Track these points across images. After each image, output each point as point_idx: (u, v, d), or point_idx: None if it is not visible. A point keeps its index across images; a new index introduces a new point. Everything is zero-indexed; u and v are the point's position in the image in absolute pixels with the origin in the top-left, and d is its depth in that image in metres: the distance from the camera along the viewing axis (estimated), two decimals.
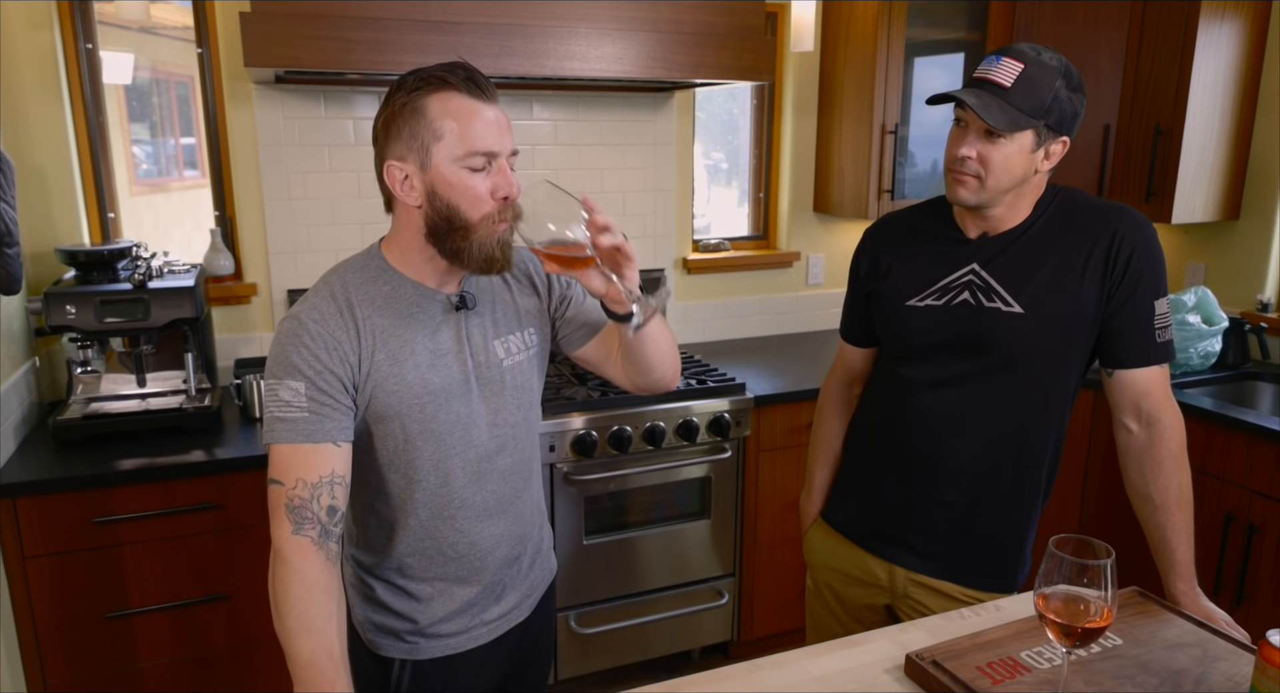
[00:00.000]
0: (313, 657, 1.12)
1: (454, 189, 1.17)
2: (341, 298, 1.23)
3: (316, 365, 1.18)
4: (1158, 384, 1.44)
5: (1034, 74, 1.34)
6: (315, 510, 1.15)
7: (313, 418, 1.17)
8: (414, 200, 1.20)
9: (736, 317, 3.20)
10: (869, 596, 1.64)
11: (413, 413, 1.24)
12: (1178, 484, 1.44)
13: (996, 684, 1.16)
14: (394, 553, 1.32)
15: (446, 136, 1.16)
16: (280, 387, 1.18)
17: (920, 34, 2.85)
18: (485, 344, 1.31)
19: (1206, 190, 2.85)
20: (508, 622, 1.41)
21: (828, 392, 1.76)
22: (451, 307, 1.28)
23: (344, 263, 1.30)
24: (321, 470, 1.17)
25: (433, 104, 1.16)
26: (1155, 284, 1.42)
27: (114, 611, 1.97)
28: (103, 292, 2.04)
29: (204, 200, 2.57)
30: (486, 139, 1.17)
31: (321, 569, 1.15)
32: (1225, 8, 2.69)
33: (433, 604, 1.33)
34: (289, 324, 1.21)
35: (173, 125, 2.60)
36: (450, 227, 1.19)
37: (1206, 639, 1.28)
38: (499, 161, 1.19)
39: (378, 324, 1.22)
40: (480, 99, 1.18)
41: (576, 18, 2.15)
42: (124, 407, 2.16)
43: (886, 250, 1.58)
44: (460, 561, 1.33)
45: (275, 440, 1.17)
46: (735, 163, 3.28)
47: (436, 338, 1.26)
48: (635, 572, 2.52)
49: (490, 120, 1.17)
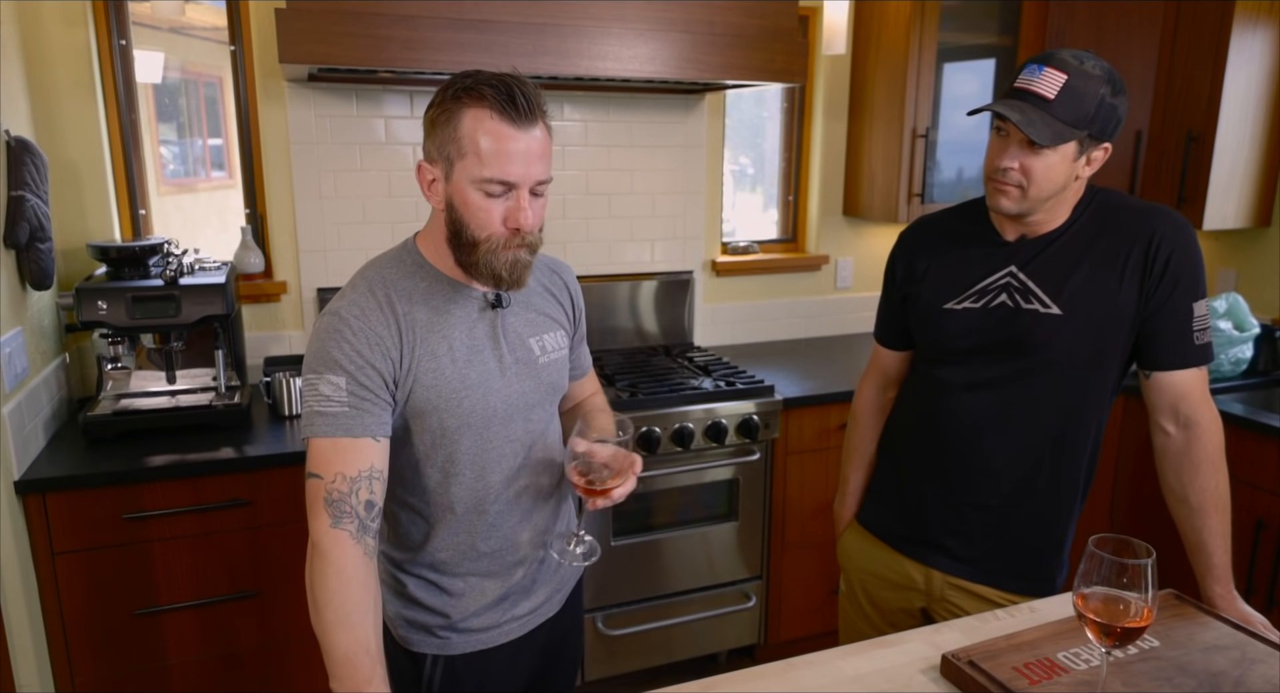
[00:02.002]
0: (349, 652, 1.12)
1: (466, 208, 1.19)
2: (381, 293, 1.23)
3: (359, 360, 1.18)
4: (1196, 386, 1.43)
5: (1077, 85, 1.33)
6: (354, 505, 1.15)
7: (353, 412, 1.17)
8: (437, 204, 1.23)
9: (765, 320, 3.20)
10: (905, 599, 1.63)
11: (450, 407, 1.24)
12: (1215, 487, 1.42)
13: (1034, 685, 1.15)
14: (428, 548, 1.32)
15: (469, 156, 1.16)
16: (320, 381, 1.18)
17: (951, 39, 2.84)
18: (521, 341, 1.33)
19: (1238, 197, 2.82)
20: (538, 617, 1.42)
21: (862, 395, 1.76)
22: (487, 304, 1.30)
23: (380, 258, 1.30)
24: (361, 465, 1.17)
25: (466, 118, 1.16)
26: (1194, 286, 1.40)
27: (143, 608, 1.98)
28: (134, 288, 2.06)
29: (231, 201, 2.59)
30: (507, 169, 1.16)
31: (359, 564, 1.15)
32: (1259, 14, 2.66)
33: (465, 599, 1.34)
34: (329, 320, 1.21)
35: (200, 126, 2.62)
36: (459, 240, 1.21)
37: (1244, 642, 1.27)
38: (519, 191, 1.18)
39: (417, 319, 1.23)
40: (514, 124, 1.15)
41: (610, 17, 2.15)
42: (154, 403, 2.18)
43: (923, 254, 1.57)
44: (494, 555, 1.34)
45: (315, 434, 1.17)
46: (761, 168, 3.28)
47: (473, 333, 1.27)
48: (662, 574, 2.51)
49: (517, 150, 1.16)
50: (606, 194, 2.85)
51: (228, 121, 2.55)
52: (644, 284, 2.93)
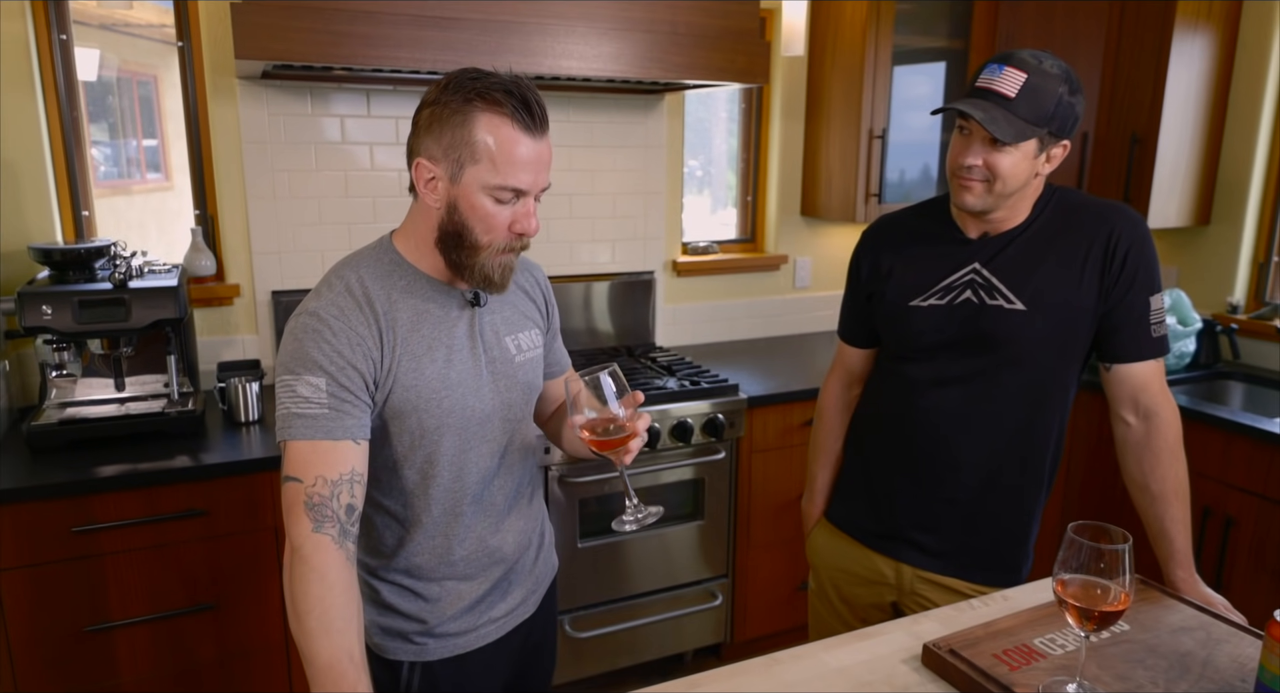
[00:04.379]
0: (332, 659, 1.09)
1: (474, 213, 1.18)
2: (359, 292, 1.21)
3: (339, 361, 1.16)
4: (1155, 378, 1.47)
5: (1037, 83, 1.35)
6: (335, 509, 1.13)
7: (333, 414, 1.15)
8: (434, 203, 1.20)
9: (725, 319, 3.21)
10: (875, 594, 1.64)
11: (431, 407, 1.23)
12: (1175, 475, 1.47)
13: (1014, 671, 1.17)
14: (403, 553, 1.30)
15: (483, 162, 1.15)
16: (298, 382, 1.15)
17: (904, 42, 2.89)
18: (498, 340, 1.32)
19: (1179, 197, 2.92)
20: (514, 619, 1.41)
21: (827, 393, 1.77)
22: (466, 302, 1.29)
23: (355, 256, 1.28)
24: (341, 468, 1.15)
25: (481, 123, 1.14)
26: (1150, 281, 1.44)
27: (94, 624, 1.91)
28: (81, 291, 1.99)
29: (168, 204, 2.51)
30: (521, 177, 1.16)
31: (342, 568, 1.13)
32: (1198, 20, 2.76)
33: (442, 604, 1.32)
34: (307, 320, 1.19)
35: (134, 126, 2.53)
36: (459, 243, 1.20)
37: (1209, 623, 1.31)
38: (527, 198, 1.19)
39: (398, 318, 1.22)
40: (529, 133, 1.16)
41: (574, 16, 2.14)
42: (102, 411, 2.10)
43: (887, 252, 1.59)
44: (470, 558, 1.32)
45: (294, 437, 1.15)
46: (709, 171, 3.29)
47: (453, 332, 1.26)
48: (629, 575, 2.50)
49: (531, 158, 1.16)
50: (567, 195, 2.84)
51: (163, 121, 2.47)
52: (606, 285, 2.92)
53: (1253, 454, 2.33)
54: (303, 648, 1.10)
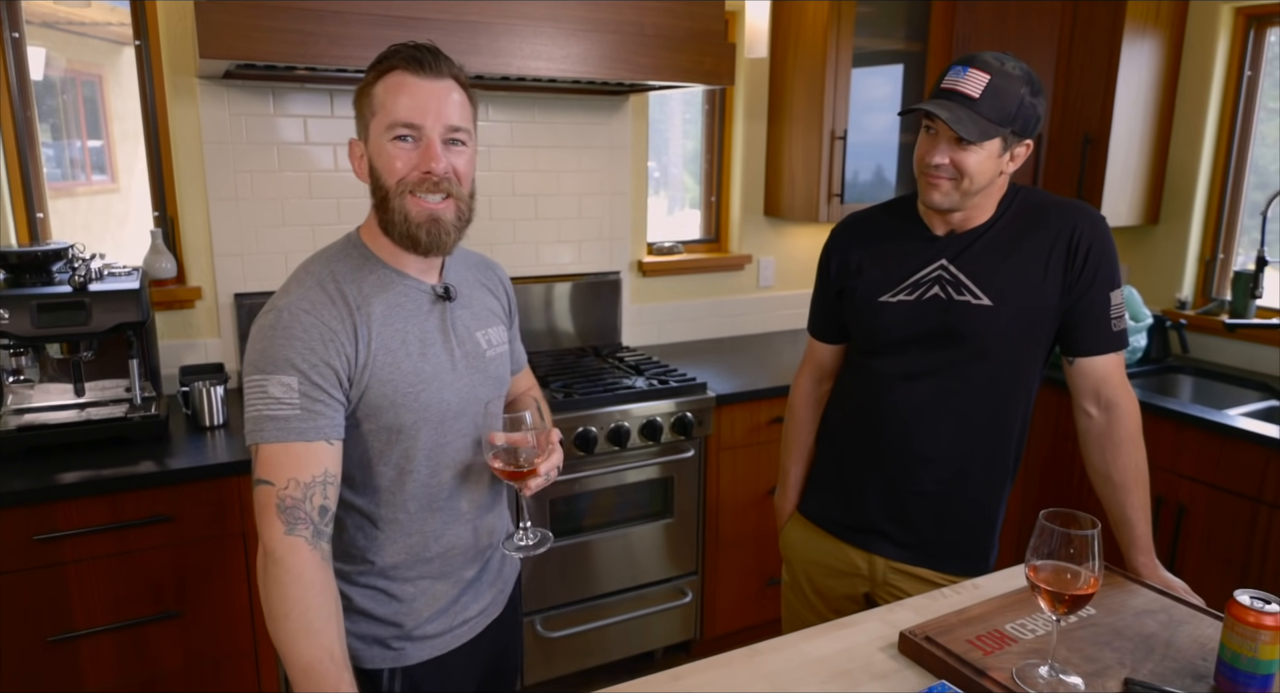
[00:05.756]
0: (313, 659, 1.08)
1: (380, 159, 1.19)
2: (332, 286, 1.20)
3: (312, 359, 1.15)
4: (1115, 371, 1.52)
5: (1000, 84, 1.39)
6: (308, 510, 1.12)
7: (306, 415, 1.14)
8: (364, 176, 1.23)
9: (690, 319, 3.23)
10: (849, 585, 1.67)
11: (408, 401, 1.22)
12: (1135, 464, 1.51)
13: (988, 656, 1.20)
14: (379, 554, 1.28)
15: (379, 112, 1.18)
16: (269, 382, 1.14)
17: (863, 44, 2.94)
18: (469, 334, 1.32)
19: (1130, 196, 3.00)
20: (485, 619, 1.41)
21: (798, 389, 1.79)
22: (437, 297, 1.29)
23: (323, 253, 1.27)
24: (314, 470, 1.14)
25: (379, 84, 1.19)
26: (1111, 276, 1.49)
27: (57, 634, 1.86)
28: (40, 295, 1.94)
29: (114, 206, 2.45)
30: (411, 111, 1.16)
31: (318, 569, 1.12)
32: (1147, 23, 2.85)
33: (418, 604, 1.31)
34: (276, 317, 1.17)
35: (78, 127, 2.46)
36: (378, 199, 1.21)
37: (1170, 606, 1.36)
38: (428, 136, 1.18)
39: (371, 313, 1.21)
40: (420, 74, 1.18)
41: (542, 17, 2.15)
42: (62, 417, 2.06)
43: (856, 249, 1.61)
44: (445, 555, 1.32)
45: (265, 439, 1.13)
46: (666, 172, 3.31)
47: (425, 326, 1.26)
48: (599, 574, 2.51)
49: (420, 93, 1.17)
50: (533, 195, 2.84)
51: (109, 122, 2.41)
52: (572, 285, 2.93)
53: (1203, 445, 2.41)
54: (283, 651, 1.10)
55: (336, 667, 1.10)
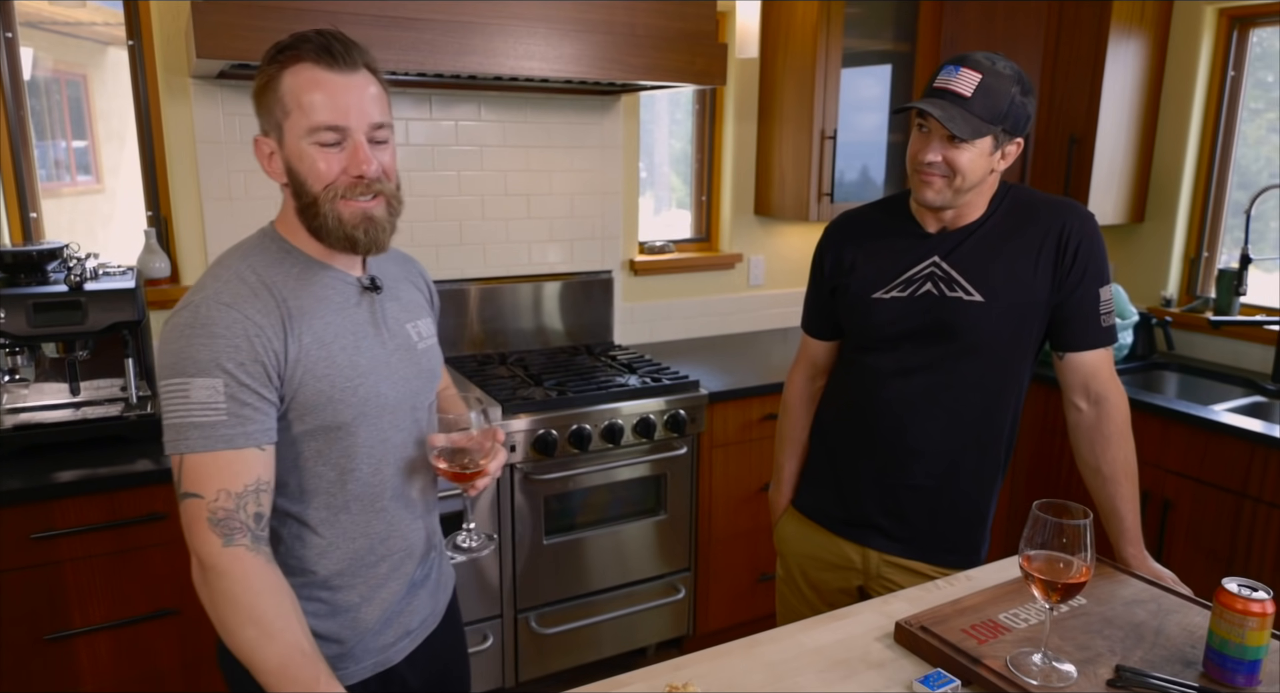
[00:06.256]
0: (283, 659, 1.05)
1: (303, 164, 1.12)
2: (253, 279, 1.12)
3: (238, 357, 1.07)
4: (1104, 365, 1.55)
5: (991, 83, 1.42)
6: (243, 519, 1.06)
7: (233, 420, 1.06)
8: (279, 177, 1.16)
9: (681, 317, 3.25)
10: (843, 579, 1.69)
11: (345, 396, 1.16)
12: (1124, 457, 1.54)
13: (982, 644, 1.22)
14: (320, 562, 1.21)
15: (294, 111, 1.10)
16: (191, 386, 1.05)
17: (852, 45, 2.97)
18: (400, 326, 1.27)
19: (1115, 195, 3.04)
20: (424, 630, 1.35)
21: (792, 385, 1.81)
22: (363, 288, 1.24)
23: (238, 248, 1.19)
24: (246, 479, 1.07)
25: (286, 78, 1.11)
26: (1100, 273, 1.52)
27: (54, 632, 1.86)
28: (36, 294, 1.94)
29: (100, 207, 2.44)
30: (333, 113, 1.10)
31: (265, 571, 1.07)
32: (1131, 24, 2.89)
33: (362, 612, 1.25)
34: (192, 313, 1.08)
35: (63, 127, 2.45)
36: (302, 203, 1.14)
37: (1159, 596, 1.39)
38: (354, 137, 1.12)
39: (299, 306, 1.14)
40: (333, 68, 1.11)
41: (535, 18, 2.16)
42: (58, 416, 2.06)
43: (849, 247, 1.64)
44: (390, 558, 1.27)
45: (190, 449, 1.05)
46: (652, 173, 3.33)
47: (355, 318, 1.21)
48: (594, 570, 2.53)
49: (340, 92, 1.10)
50: (525, 195, 2.85)
51: (94, 122, 2.40)
52: (564, 284, 2.94)
53: (1189, 440, 2.45)
54: (248, 659, 1.05)
55: (310, 661, 1.07)
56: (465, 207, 2.77)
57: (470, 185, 2.76)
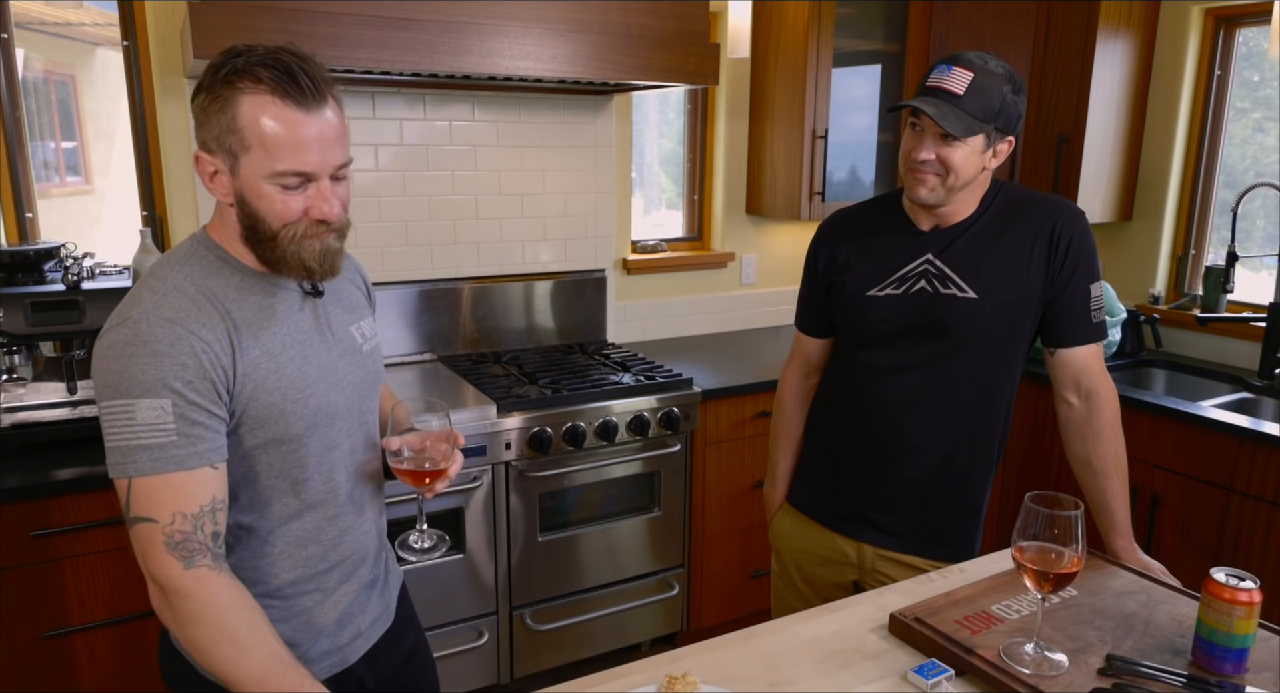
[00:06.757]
0: (264, 671, 1.05)
1: (261, 203, 1.07)
2: (193, 291, 1.08)
3: (185, 375, 1.02)
4: (1094, 361, 1.57)
5: (983, 82, 1.44)
6: (201, 540, 1.04)
7: (184, 440, 1.02)
8: (224, 197, 1.10)
9: (674, 316, 3.27)
10: (838, 573, 1.71)
11: (296, 408, 1.14)
12: (1114, 452, 1.57)
13: (975, 635, 1.25)
14: (274, 571, 1.19)
15: (254, 149, 1.04)
16: (136, 407, 1.01)
17: (842, 45, 2.99)
18: (344, 330, 1.25)
19: (1104, 194, 3.08)
20: (378, 629, 1.34)
21: (786, 382, 1.83)
22: (305, 294, 1.20)
23: (171, 257, 1.13)
24: (201, 499, 1.04)
25: (245, 106, 1.03)
26: (1090, 270, 1.54)
27: (53, 629, 1.87)
28: (34, 293, 1.95)
29: (89, 208, 2.44)
30: (301, 159, 1.05)
31: (231, 589, 1.06)
32: (1119, 24, 2.92)
33: (313, 616, 1.23)
34: (132, 331, 1.03)
35: (52, 128, 2.45)
36: (257, 236, 1.10)
37: (1148, 587, 1.41)
38: (319, 181, 1.08)
39: (244, 318, 1.10)
40: (299, 107, 1.04)
41: (530, 18, 2.18)
42: (55, 415, 2.06)
43: (843, 245, 1.65)
44: (344, 563, 1.25)
45: (139, 472, 1.02)
46: (642, 173, 3.34)
47: (300, 326, 1.18)
48: (588, 567, 2.54)
49: (308, 136, 1.05)
50: (519, 194, 2.87)
51: (82, 123, 2.40)
52: (558, 283, 2.96)
53: (1177, 436, 2.48)
54: (226, 677, 1.04)
55: (290, 668, 1.07)
56: (459, 206, 2.78)
57: (464, 185, 2.77)
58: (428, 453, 1.24)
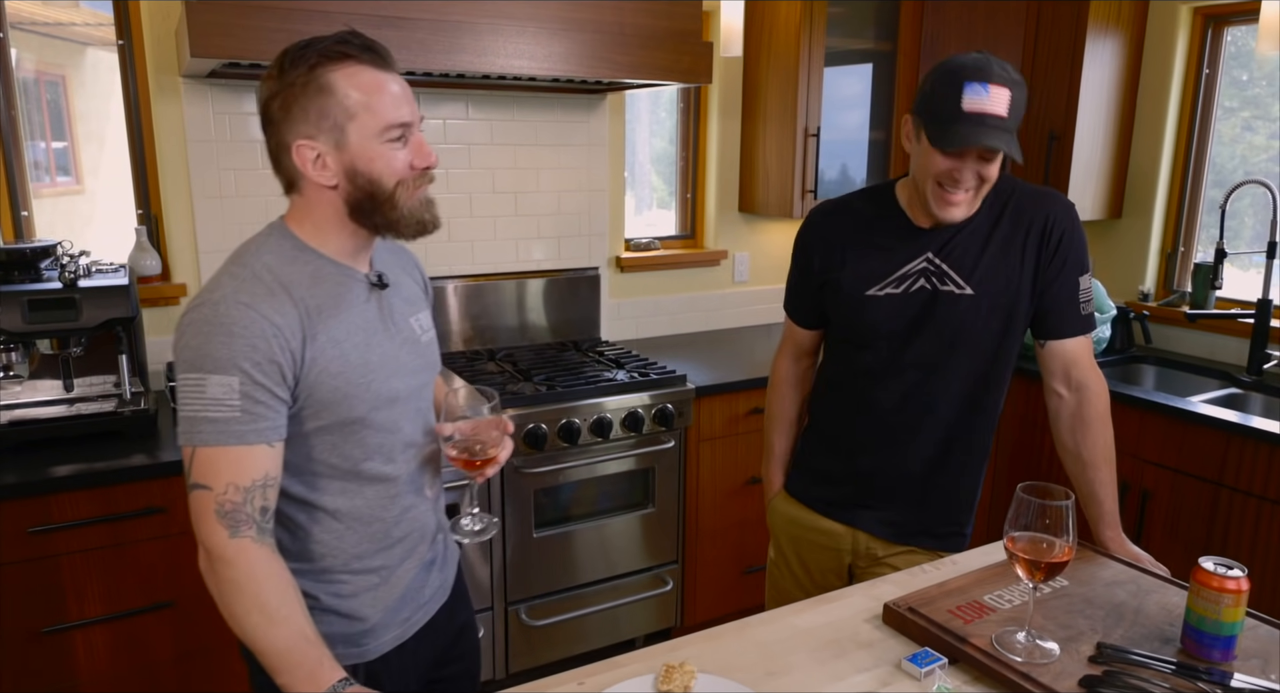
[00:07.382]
0: (288, 644, 1.09)
1: (376, 164, 1.15)
2: (269, 278, 1.14)
3: (255, 356, 1.09)
4: (1084, 353, 1.58)
5: (1018, 96, 1.41)
6: (249, 512, 1.10)
7: (245, 417, 1.09)
8: (328, 180, 1.16)
9: (667, 314, 3.29)
10: (833, 559, 1.73)
11: (360, 392, 1.20)
12: (1104, 443, 1.58)
13: (968, 624, 1.26)
14: (342, 547, 1.25)
15: (360, 115, 1.13)
16: (208, 382, 1.08)
17: (834, 44, 3.01)
18: (404, 320, 1.31)
19: (1094, 191, 3.10)
20: (435, 603, 1.40)
21: (779, 367, 1.83)
22: (371, 285, 1.26)
23: (251, 245, 1.20)
24: (255, 474, 1.10)
25: (339, 80, 1.12)
26: (1080, 262, 1.56)
27: (51, 625, 1.88)
28: (30, 291, 1.95)
29: (80, 208, 2.44)
30: (400, 111, 1.15)
31: (270, 562, 1.12)
32: (1108, 23, 2.95)
33: (382, 591, 1.30)
34: (212, 311, 1.10)
35: (42, 128, 2.45)
36: (375, 203, 1.17)
37: (1137, 577, 1.43)
38: (414, 132, 1.18)
39: (314, 305, 1.16)
40: (385, 69, 1.16)
41: (524, 17, 2.19)
42: (52, 412, 2.07)
43: (839, 241, 1.63)
44: (404, 540, 1.31)
45: (202, 442, 1.09)
46: (634, 172, 3.35)
47: (366, 315, 1.24)
48: (583, 563, 2.55)
49: (399, 91, 1.16)
50: (513, 192, 2.88)
51: (73, 123, 2.40)
52: (551, 281, 2.97)
53: (1167, 431, 2.50)
54: (253, 643, 1.09)
55: (313, 645, 1.11)
56: (453, 204, 2.79)
57: (458, 183, 2.78)
58: (479, 439, 1.29)
